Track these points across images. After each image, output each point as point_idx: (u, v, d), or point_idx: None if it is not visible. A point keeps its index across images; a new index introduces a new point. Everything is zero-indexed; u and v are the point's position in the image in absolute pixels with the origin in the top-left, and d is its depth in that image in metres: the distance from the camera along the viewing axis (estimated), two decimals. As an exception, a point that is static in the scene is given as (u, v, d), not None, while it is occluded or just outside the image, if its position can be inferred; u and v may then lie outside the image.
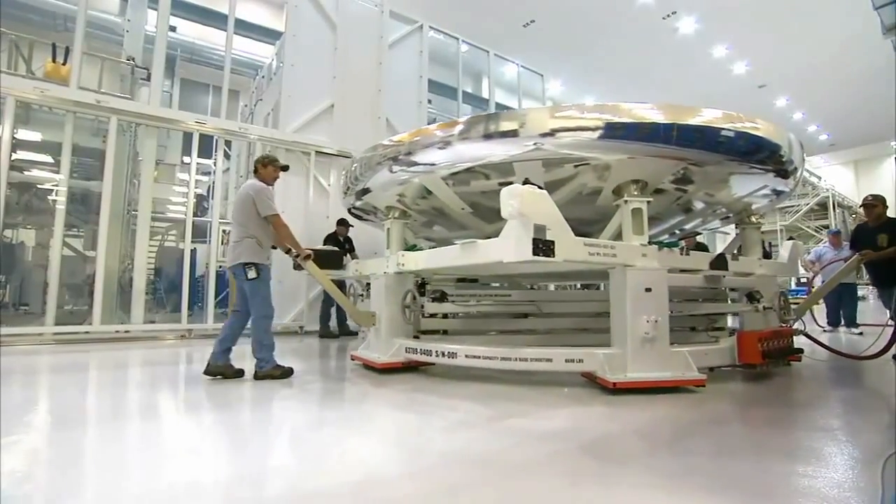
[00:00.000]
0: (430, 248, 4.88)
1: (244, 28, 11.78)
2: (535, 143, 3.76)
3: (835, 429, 2.87)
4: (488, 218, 4.85)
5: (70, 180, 7.49)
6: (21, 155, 8.65)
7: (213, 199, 9.08)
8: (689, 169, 3.98)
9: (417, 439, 2.70)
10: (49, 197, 8.88)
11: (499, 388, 3.88)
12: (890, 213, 5.41)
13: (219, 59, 11.58)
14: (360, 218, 6.48)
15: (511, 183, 3.51)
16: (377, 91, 10.19)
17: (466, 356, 4.06)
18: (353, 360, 5.07)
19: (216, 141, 9.40)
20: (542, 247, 3.12)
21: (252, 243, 4.23)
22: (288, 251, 4.53)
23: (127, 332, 7.40)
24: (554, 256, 3.17)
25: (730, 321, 6.18)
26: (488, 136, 3.92)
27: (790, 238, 6.55)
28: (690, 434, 2.67)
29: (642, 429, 2.77)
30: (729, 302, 5.62)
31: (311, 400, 3.67)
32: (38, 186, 9.08)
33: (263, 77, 12.58)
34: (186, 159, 11.91)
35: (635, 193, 3.99)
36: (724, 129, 3.78)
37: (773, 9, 15.37)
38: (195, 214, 8.66)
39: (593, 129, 3.70)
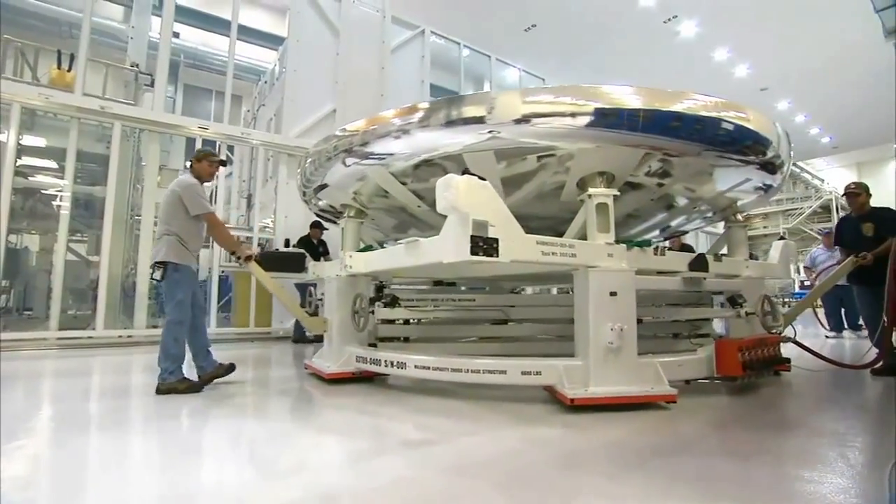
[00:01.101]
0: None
1: (247, 34, 11.79)
2: (490, 132, 3.34)
3: (825, 456, 2.42)
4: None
5: (74, 185, 7.39)
6: (26, 160, 8.65)
7: (215, 203, 9.17)
8: (667, 160, 3.58)
9: (327, 469, 2.26)
10: (53, 202, 8.77)
11: (451, 404, 3.46)
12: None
13: (221, 64, 11.62)
14: (328, 220, 6.07)
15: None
16: (379, 96, 10.11)
17: (416, 366, 3.66)
18: (306, 369, 4.71)
19: (219, 146, 9.47)
20: (483, 245, 2.72)
21: (172, 241, 3.86)
22: (233, 252, 4.26)
23: (130, 336, 7.31)
24: (497, 256, 2.77)
25: (720, 327, 5.76)
26: (450, 123, 3.45)
27: (781, 237, 6.13)
28: (646, 463, 2.25)
29: (598, 455, 2.38)
30: (716, 307, 5.19)
31: (231, 416, 3.23)
32: (43, 192, 8.99)
33: (266, 82, 12.56)
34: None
35: (601, 186, 3.59)
36: (715, 118, 3.41)
37: (774, 12, 15.17)
38: (198, 219, 8.69)
39: (576, 116, 3.25)
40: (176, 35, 10.64)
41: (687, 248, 7.45)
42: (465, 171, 2.87)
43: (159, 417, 3.23)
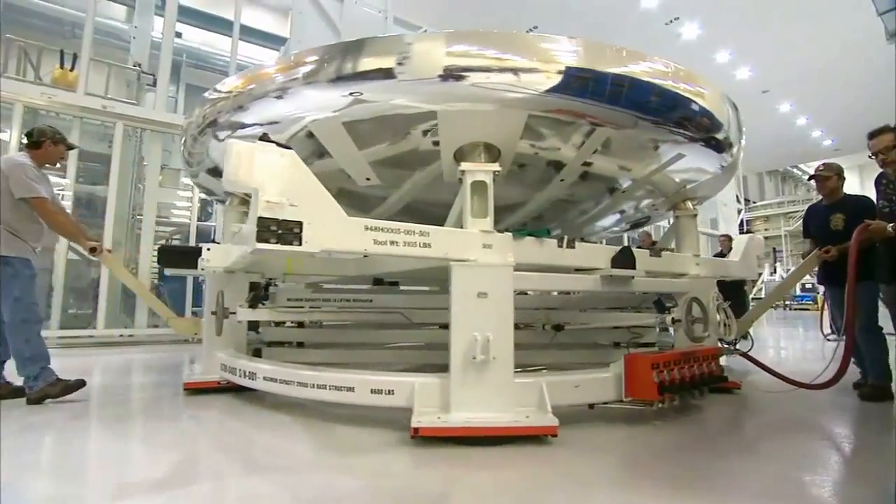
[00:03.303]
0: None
1: (249, 34, 11.65)
2: (351, 93, 2.56)
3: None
4: (364, 207, 3.69)
5: (76, 185, 7.18)
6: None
7: (216, 203, 9.20)
8: (593, 132, 2.80)
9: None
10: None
11: (288, 425, 2.76)
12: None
13: (224, 64, 11.44)
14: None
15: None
16: (381, 96, 10.29)
17: (265, 378, 2.97)
18: None
19: (221, 145, 9.44)
20: (277, 230, 2.03)
21: None
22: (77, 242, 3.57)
23: (131, 335, 7.06)
24: (300, 245, 2.07)
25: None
26: (341, 79, 2.59)
27: (747, 231, 5.22)
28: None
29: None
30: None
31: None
32: (45, 191, 9.17)
33: (268, 83, 12.66)
34: (191, 164, 12.00)
35: (481, 160, 2.73)
36: (644, 83, 2.70)
37: (775, 14, 14.75)
38: (199, 219, 8.70)
39: (518, 73, 2.49)
40: (178, 35, 10.55)
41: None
42: (264, 137, 2.23)
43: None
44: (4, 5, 7.53)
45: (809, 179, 4.18)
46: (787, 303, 21.87)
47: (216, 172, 3.72)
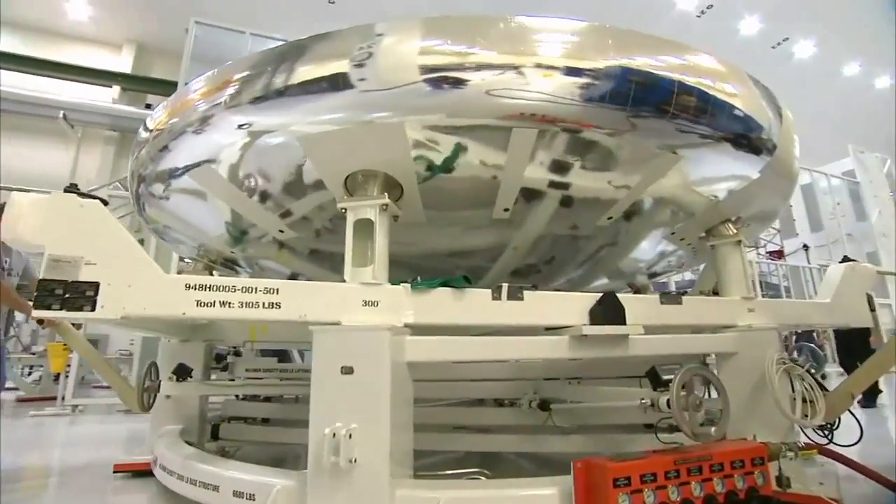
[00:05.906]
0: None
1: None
2: (242, 126, 1.91)
3: None
4: (337, 267, 2.85)
5: None
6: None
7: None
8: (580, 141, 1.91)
9: None
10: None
11: None
12: None
13: None
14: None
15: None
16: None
17: (161, 466, 2.41)
18: None
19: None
20: (64, 294, 1.59)
21: None
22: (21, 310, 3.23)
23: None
24: (93, 310, 1.59)
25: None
26: (269, 97, 1.87)
27: (844, 259, 4.00)
28: None
29: None
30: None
31: None
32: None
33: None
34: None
35: (373, 193, 1.94)
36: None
37: None
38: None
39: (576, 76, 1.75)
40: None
41: None
42: (71, 188, 1.80)
43: None
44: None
45: None
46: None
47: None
